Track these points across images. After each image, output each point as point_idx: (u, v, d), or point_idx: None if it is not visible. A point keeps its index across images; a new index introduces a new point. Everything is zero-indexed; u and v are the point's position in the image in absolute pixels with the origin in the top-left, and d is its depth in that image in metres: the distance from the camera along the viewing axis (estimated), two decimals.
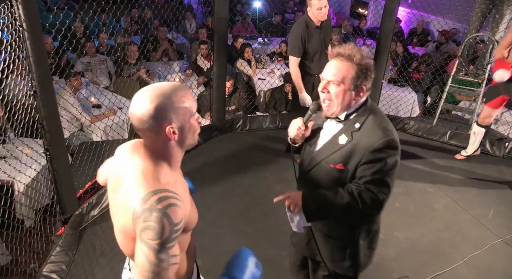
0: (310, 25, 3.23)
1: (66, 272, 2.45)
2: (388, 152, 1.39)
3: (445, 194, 3.45)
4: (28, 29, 2.05)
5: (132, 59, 5.02)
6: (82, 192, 2.98)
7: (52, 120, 2.39)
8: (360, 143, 1.42)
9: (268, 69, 5.75)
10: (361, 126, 1.45)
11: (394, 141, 1.41)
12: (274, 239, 2.81)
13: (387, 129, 1.42)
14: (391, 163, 1.41)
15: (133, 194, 1.02)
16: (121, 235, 1.14)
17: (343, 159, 1.46)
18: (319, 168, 1.54)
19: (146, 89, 1.07)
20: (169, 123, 1.05)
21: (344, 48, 1.41)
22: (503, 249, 2.84)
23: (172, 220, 0.98)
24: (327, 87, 1.44)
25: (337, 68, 1.41)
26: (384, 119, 1.48)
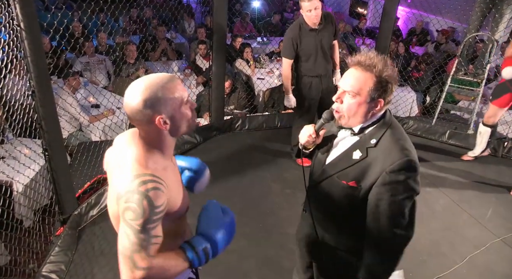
0: (303, 28, 3.21)
1: (65, 272, 2.45)
2: (407, 174, 1.30)
3: (444, 194, 3.45)
4: (25, 29, 2.05)
5: (131, 58, 5.01)
6: (81, 192, 2.98)
7: (50, 120, 2.39)
8: (376, 161, 1.33)
9: (267, 68, 5.74)
10: (378, 142, 1.35)
11: (414, 161, 1.31)
12: (273, 239, 2.80)
13: (405, 148, 1.32)
14: (410, 186, 1.32)
15: (121, 179, 1.09)
16: (114, 219, 1.18)
17: (356, 176, 1.37)
18: (330, 182, 1.47)
19: (137, 81, 1.12)
20: (158, 114, 1.09)
21: (365, 57, 1.31)
22: (502, 249, 2.84)
23: (153, 203, 1.03)
24: (342, 97, 1.36)
25: (355, 78, 1.32)
26: (402, 135, 1.38)
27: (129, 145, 1.17)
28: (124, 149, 1.18)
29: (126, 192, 1.04)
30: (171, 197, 1.14)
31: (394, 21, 4.32)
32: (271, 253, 2.68)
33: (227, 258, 2.62)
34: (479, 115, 4.52)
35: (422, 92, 5.65)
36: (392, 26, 4.20)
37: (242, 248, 2.72)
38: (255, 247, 2.74)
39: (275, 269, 2.53)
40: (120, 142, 1.23)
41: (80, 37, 5.26)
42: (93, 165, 3.25)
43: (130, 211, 1.02)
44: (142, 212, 1.01)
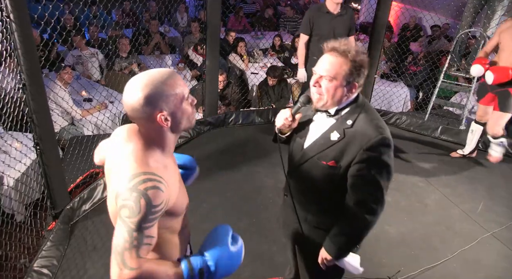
0: (322, 10, 3.50)
1: (57, 267, 2.43)
2: (382, 150, 1.39)
3: (436, 189, 3.48)
4: (15, 20, 2.01)
5: (124, 52, 4.96)
6: (73, 187, 2.96)
7: (42, 114, 2.36)
8: (353, 140, 1.41)
9: (261, 63, 5.73)
10: (354, 123, 1.43)
11: (387, 139, 1.40)
12: (266, 234, 2.81)
13: (379, 126, 1.41)
14: (385, 161, 1.40)
15: (120, 176, 1.06)
16: (114, 218, 1.16)
17: (335, 156, 1.45)
18: (310, 163, 1.53)
19: (136, 77, 1.09)
20: (160, 111, 1.07)
21: (339, 43, 1.39)
22: (492, 243, 2.88)
23: (151, 202, 1.00)
24: (319, 82, 1.43)
25: (331, 63, 1.39)
26: (376, 116, 1.47)
27: (128, 142, 1.14)
28: (123, 145, 1.15)
29: (124, 190, 1.02)
30: (172, 195, 1.11)
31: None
32: (264, 248, 2.69)
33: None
34: (471, 111, 4.57)
35: (415, 88, 5.67)
36: (386, 21, 4.21)
37: None
38: (248, 242, 2.72)
39: (268, 264, 2.54)
40: (119, 138, 1.20)
41: (72, 30, 5.19)
42: (85, 159, 3.23)
43: (126, 208, 1.00)
44: (138, 210, 0.99)
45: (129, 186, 1.01)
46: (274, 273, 2.42)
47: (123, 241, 1.00)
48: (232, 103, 4.79)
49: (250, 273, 2.49)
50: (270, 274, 2.45)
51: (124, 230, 1.01)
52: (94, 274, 2.41)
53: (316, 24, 3.51)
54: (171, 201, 1.11)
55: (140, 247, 1.01)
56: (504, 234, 2.96)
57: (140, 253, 1.02)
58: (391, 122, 4.64)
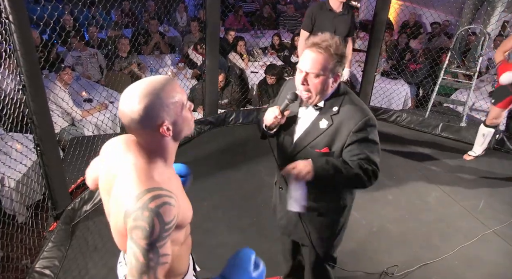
0: (324, 7, 3.48)
1: (59, 268, 2.44)
2: (369, 130, 1.49)
3: (437, 186, 3.48)
4: (14, 22, 2.01)
5: (124, 52, 4.96)
6: (74, 187, 2.96)
7: (42, 115, 2.36)
8: (342, 125, 1.50)
9: (260, 62, 5.72)
10: (339, 109, 1.52)
11: (372, 119, 1.50)
12: (267, 233, 2.81)
13: (363, 109, 1.52)
14: (373, 140, 1.51)
15: (126, 192, 1.00)
16: (117, 234, 1.12)
17: (327, 142, 1.53)
18: (304, 153, 1.58)
19: (133, 87, 1.03)
20: (162, 121, 1.02)
21: (320, 38, 1.44)
22: (493, 240, 2.88)
23: (163, 220, 0.96)
24: (307, 79, 1.47)
25: (316, 60, 1.44)
26: (357, 99, 1.56)
27: (127, 155, 1.08)
28: (121, 159, 1.08)
29: (134, 210, 0.96)
30: (181, 207, 1.07)
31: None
32: (266, 247, 2.69)
33: (221, 252, 2.63)
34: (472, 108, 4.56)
35: (415, 85, 5.67)
36: (385, 18, 4.20)
37: (236, 242, 2.73)
38: (249, 241, 2.75)
39: (269, 263, 2.52)
40: (113, 151, 1.14)
41: (71, 31, 5.19)
42: (86, 160, 3.23)
43: (138, 230, 0.95)
44: (151, 230, 0.94)
45: (139, 206, 0.96)
46: (275, 272, 2.42)
47: (139, 264, 0.96)
48: (232, 102, 4.78)
49: None
50: (270, 273, 2.44)
51: (138, 252, 0.96)
52: (95, 274, 2.41)
53: (318, 21, 3.49)
54: (181, 213, 1.07)
55: (157, 267, 0.98)
56: (505, 231, 2.96)
57: (158, 274, 0.98)
58: (391, 120, 4.63)
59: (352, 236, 2.79)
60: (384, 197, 3.29)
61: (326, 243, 1.79)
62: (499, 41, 5.46)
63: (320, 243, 1.78)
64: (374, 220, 3.01)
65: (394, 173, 3.63)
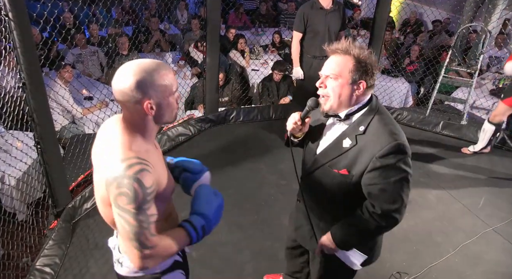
0: (315, 6, 3.45)
1: (59, 266, 2.44)
2: (397, 157, 1.31)
3: (438, 185, 3.48)
4: (14, 19, 2.01)
5: (124, 50, 4.95)
6: (74, 185, 2.96)
7: (42, 113, 2.36)
8: (366, 148, 1.35)
9: (261, 60, 5.71)
10: (366, 129, 1.37)
11: (402, 145, 1.32)
12: (268, 231, 2.81)
13: (394, 132, 1.34)
14: (401, 168, 1.33)
15: (106, 162, 1.10)
16: (101, 204, 1.20)
17: (347, 164, 1.40)
18: (322, 171, 1.50)
19: (129, 63, 1.12)
20: (148, 98, 1.10)
21: (341, 44, 1.38)
22: (493, 238, 2.88)
23: (143, 184, 1.05)
24: (325, 82, 1.40)
25: (334, 62, 1.38)
26: (390, 120, 1.39)
27: (113, 131, 1.18)
28: (108, 134, 1.19)
29: (115, 178, 1.05)
30: (160, 177, 1.17)
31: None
32: (267, 244, 2.69)
33: (223, 250, 2.63)
34: (473, 106, 4.55)
35: (416, 83, 5.65)
36: (387, 16, 4.18)
37: (237, 240, 2.73)
38: (250, 238, 2.75)
39: (271, 261, 2.54)
40: (104, 129, 1.24)
41: (72, 28, 5.18)
42: (86, 158, 3.23)
43: (123, 196, 1.04)
44: (134, 195, 1.04)
45: (119, 173, 1.05)
46: (276, 269, 2.43)
47: (132, 227, 1.06)
48: (233, 100, 4.78)
49: (252, 270, 2.49)
50: (272, 270, 2.45)
51: (128, 217, 1.05)
52: (96, 272, 2.41)
53: (310, 20, 3.46)
54: (161, 184, 1.17)
55: (149, 226, 1.08)
56: (506, 229, 2.96)
57: (151, 231, 1.09)
58: None
59: None
60: None
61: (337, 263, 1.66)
62: (500, 39, 5.46)
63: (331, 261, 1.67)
64: None
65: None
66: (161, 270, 1.32)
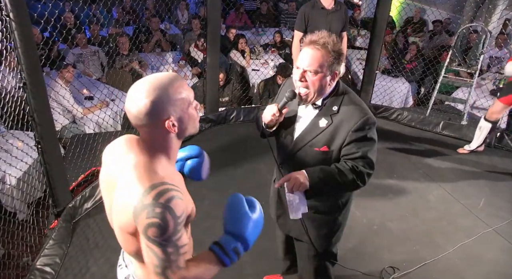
0: (316, 6, 3.47)
1: (59, 265, 2.44)
2: (368, 129, 1.50)
3: (438, 185, 3.48)
4: (15, 19, 2.01)
5: (125, 50, 4.95)
6: (75, 185, 2.96)
7: (43, 113, 2.36)
8: (341, 125, 1.51)
9: (262, 59, 5.72)
10: (339, 108, 1.53)
11: (371, 118, 1.51)
12: (269, 230, 2.79)
13: (363, 108, 1.52)
14: (372, 138, 1.52)
15: (131, 190, 1.00)
16: (122, 234, 1.09)
17: (327, 141, 1.54)
18: (303, 152, 1.60)
19: (140, 82, 1.04)
20: (167, 116, 1.02)
21: (318, 36, 1.45)
22: (493, 238, 2.88)
23: (175, 213, 0.97)
24: (304, 76, 1.48)
25: (313, 57, 1.45)
26: (357, 98, 1.57)
27: (128, 154, 1.08)
28: (122, 158, 1.09)
29: (144, 206, 0.96)
30: (187, 201, 1.08)
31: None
32: (267, 245, 2.67)
33: None
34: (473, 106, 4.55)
35: (416, 83, 5.65)
36: (387, 16, 4.18)
37: None
38: None
39: (271, 261, 2.54)
40: (114, 152, 1.14)
41: (73, 28, 5.18)
42: (87, 158, 3.24)
43: (153, 227, 0.95)
44: (166, 226, 0.95)
45: (148, 202, 0.96)
46: (276, 270, 2.43)
47: (161, 260, 0.98)
48: (233, 100, 4.78)
49: (252, 270, 2.49)
50: (272, 271, 2.46)
51: (157, 249, 0.98)
52: (96, 271, 2.42)
53: (311, 20, 3.48)
54: (188, 209, 1.07)
55: (178, 259, 1.01)
56: (506, 229, 2.95)
57: (180, 265, 1.01)
58: (392, 118, 4.63)
59: (353, 234, 2.79)
60: (385, 195, 3.29)
61: (324, 240, 1.79)
62: (500, 39, 5.46)
63: (319, 240, 1.78)
64: (375, 218, 3.01)
65: (394, 171, 3.62)
66: None
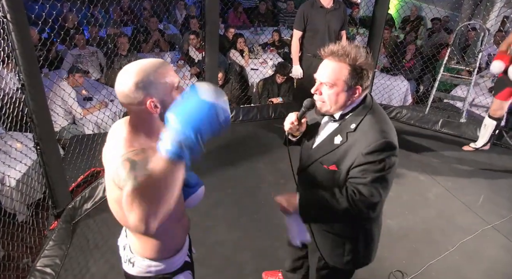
0: (315, 5, 3.47)
1: (60, 266, 2.44)
2: (382, 155, 1.33)
3: (437, 182, 3.48)
4: (12, 20, 2.01)
5: (123, 50, 4.95)
6: (74, 186, 2.96)
7: (41, 114, 2.36)
8: (355, 145, 1.37)
9: (260, 59, 5.71)
10: (357, 126, 1.39)
11: (390, 143, 1.34)
12: (267, 230, 2.82)
13: (383, 130, 1.36)
14: (386, 165, 1.34)
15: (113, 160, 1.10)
16: (116, 205, 1.18)
17: (337, 160, 1.42)
18: (314, 167, 1.53)
19: (129, 65, 1.13)
20: (150, 97, 1.10)
21: (338, 47, 1.35)
22: (492, 235, 2.88)
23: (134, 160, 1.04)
24: (320, 89, 1.40)
25: (330, 69, 1.36)
26: (382, 118, 1.41)
27: (119, 131, 1.20)
28: (115, 135, 1.21)
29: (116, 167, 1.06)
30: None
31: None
32: (266, 244, 2.69)
33: (222, 250, 2.64)
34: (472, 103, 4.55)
35: (415, 81, 5.65)
36: (385, 14, 4.18)
37: (237, 239, 2.73)
38: (250, 238, 2.76)
39: (270, 260, 2.55)
40: (113, 131, 1.26)
41: (72, 29, 5.18)
42: (86, 158, 3.24)
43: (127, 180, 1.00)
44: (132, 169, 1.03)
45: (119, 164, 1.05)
46: (276, 268, 2.43)
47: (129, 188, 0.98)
48: (232, 100, 4.78)
49: (253, 269, 2.50)
50: (271, 268, 2.46)
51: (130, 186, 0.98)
52: (96, 272, 2.42)
53: (310, 19, 3.48)
54: None
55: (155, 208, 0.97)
56: (505, 226, 2.96)
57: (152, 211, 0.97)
58: (391, 116, 4.63)
59: None
60: None
61: (337, 259, 1.66)
62: (498, 37, 5.46)
63: (330, 258, 1.68)
64: None
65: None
66: (172, 270, 1.33)
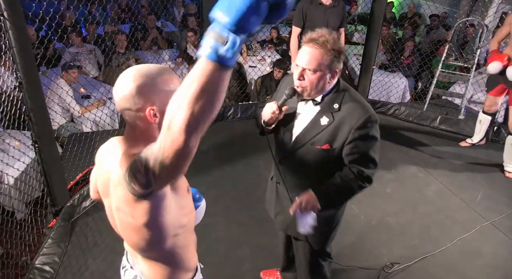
0: (314, 2, 3.48)
1: (58, 264, 2.45)
2: (370, 127, 1.49)
3: (436, 179, 3.49)
4: (9, 18, 2.00)
5: (121, 48, 4.94)
6: (73, 184, 2.97)
7: (39, 112, 2.36)
8: (343, 122, 1.50)
9: (258, 56, 5.71)
10: (340, 106, 1.52)
11: (373, 115, 1.51)
12: (266, 227, 2.82)
13: (364, 105, 1.52)
14: (374, 136, 1.52)
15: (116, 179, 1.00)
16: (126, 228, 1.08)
17: (328, 139, 1.53)
18: (304, 149, 1.60)
19: (129, 69, 1.03)
20: (150, 104, 0.99)
21: (317, 34, 1.46)
22: (490, 232, 2.89)
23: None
24: (303, 74, 1.48)
25: (312, 55, 1.44)
26: (358, 96, 1.56)
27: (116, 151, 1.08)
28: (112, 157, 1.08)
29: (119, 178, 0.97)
30: None
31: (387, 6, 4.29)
32: (265, 240, 2.70)
33: (221, 247, 2.65)
34: (470, 100, 4.55)
35: (413, 77, 5.65)
36: (383, 11, 4.18)
37: (235, 236, 2.74)
38: (248, 235, 2.76)
39: (269, 257, 2.55)
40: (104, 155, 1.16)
41: (69, 26, 5.16)
42: (84, 156, 3.23)
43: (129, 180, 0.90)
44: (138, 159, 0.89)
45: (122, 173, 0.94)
46: (274, 265, 2.44)
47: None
48: (231, 97, 4.78)
49: (251, 266, 2.50)
50: (270, 266, 2.47)
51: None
52: (95, 270, 2.42)
53: (309, 16, 3.49)
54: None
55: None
56: (503, 223, 2.97)
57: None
58: (390, 113, 4.63)
59: (351, 229, 2.80)
60: (383, 190, 3.30)
61: (320, 238, 1.80)
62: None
63: (315, 238, 1.78)
64: (373, 213, 3.02)
65: (392, 166, 3.63)
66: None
